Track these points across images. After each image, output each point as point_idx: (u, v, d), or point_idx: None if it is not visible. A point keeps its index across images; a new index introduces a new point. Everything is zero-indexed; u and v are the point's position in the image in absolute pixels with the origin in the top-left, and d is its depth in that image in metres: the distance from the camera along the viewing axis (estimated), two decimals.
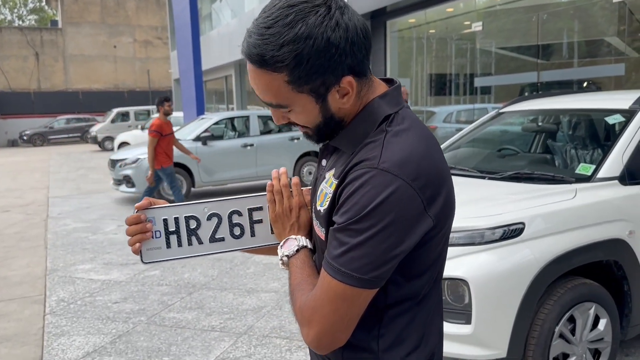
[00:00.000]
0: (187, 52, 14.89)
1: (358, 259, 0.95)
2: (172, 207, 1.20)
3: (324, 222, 1.06)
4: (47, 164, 17.51)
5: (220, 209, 1.22)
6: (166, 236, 1.19)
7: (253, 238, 1.25)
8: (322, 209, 1.06)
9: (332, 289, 0.97)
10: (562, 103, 3.96)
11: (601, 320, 2.80)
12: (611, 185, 2.89)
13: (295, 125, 1.08)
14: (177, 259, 1.21)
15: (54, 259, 6.03)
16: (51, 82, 32.88)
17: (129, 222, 1.17)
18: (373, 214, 0.93)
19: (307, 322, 1.01)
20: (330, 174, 1.08)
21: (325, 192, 1.07)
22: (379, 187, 0.93)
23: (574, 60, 8.86)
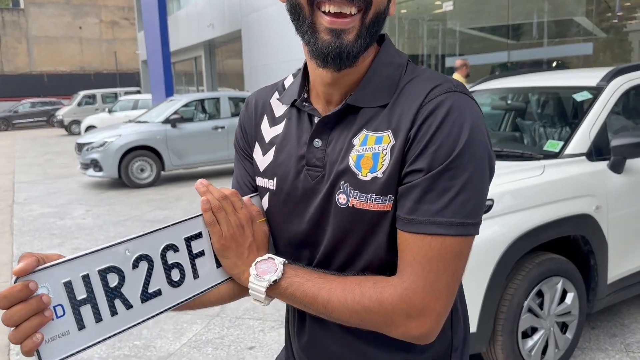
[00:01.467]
0: (154, 33, 14.57)
1: (468, 200, 0.80)
2: (74, 260, 0.78)
3: (388, 189, 0.84)
4: (12, 149, 17.04)
5: (148, 246, 0.85)
6: (74, 310, 0.77)
7: (197, 280, 0.90)
8: (379, 174, 0.84)
9: (446, 250, 0.80)
10: (531, 81, 3.98)
11: (568, 294, 2.85)
12: (578, 162, 2.92)
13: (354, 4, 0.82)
14: (98, 344, 0.80)
15: (21, 245, 5.88)
16: (14, 64, 31.90)
17: (7, 300, 0.71)
18: (470, 143, 0.79)
19: (422, 309, 0.81)
20: (362, 135, 0.87)
21: (372, 153, 0.85)
22: (467, 112, 0.81)
23: (544, 40, 8.95)
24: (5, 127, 26.90)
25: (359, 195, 0.85)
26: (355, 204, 0.86)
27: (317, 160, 0.91)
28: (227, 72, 20.10)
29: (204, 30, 18.21)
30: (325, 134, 0.91)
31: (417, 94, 0.84)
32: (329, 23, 0.81)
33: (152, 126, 9.32)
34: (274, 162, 0.98)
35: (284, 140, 0.97)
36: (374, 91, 0.88)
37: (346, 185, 0.86)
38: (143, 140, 9.05)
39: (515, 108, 4.16)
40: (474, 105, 0.83)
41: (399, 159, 0.83)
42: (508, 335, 2.61)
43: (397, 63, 0.90)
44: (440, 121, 0.80)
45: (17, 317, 0.71)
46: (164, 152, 9.18)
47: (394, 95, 0.87)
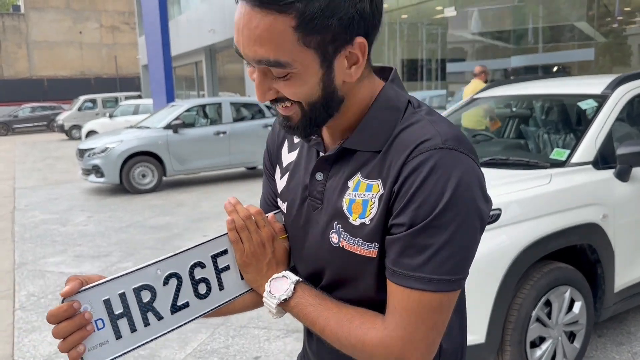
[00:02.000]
0: (155, 38, 14.59)
1: (449, 258, 0.80)
2: (112, 281, 0.90)
3: (374, 236, 0.87)
4: (12, 154, 17.03)
5: (177, 265, 0.95)
6: (112, 323, 0.89)
7: (222, 292, 1.00)
8: (366, 221, 0.87)
9: (424, 305, 0.82)
10: (535, 88, 3.98)
11: (576, 303, 2.84)
12: (585, 170, 2.92)
13: (282, 102, 0.86)
14: (133, 350, 0.92)
15: (23, 252, 5.87)
16: (15, 69, 31.92)
17: (56, 317, 0.83)
18: (454, 202, 0.79)
19: (400, 356, 0.84)
20: (355, 179, 0.90)
21: (363, 200, 0.87)
22: (452, 169, 0.80)
23: (544, 46, 8.96)
24: (5, 132, 26.89)
25: (348, 237, 0.89)
26: (345, 246, 0.90)
27: (318, 193, 0.95)
28: (228, 77, 20.13)
29: (204, 35, 18.23)
30: (326, 169, 0.94)
31: (405, 146, 0.84)
32: (280, 110, 0.88)
33: (154, 132, 9.32)
34: (286, 187, 1.03)
35: (295, 167, 1.02)
36: (369, 136, 0.89)
37: (339, 226, 0.90)
38: (145, 145, 9.05)
39: (520, 115, 4.16)
40: (464, 160, 0.82)
41: (385, 209, 0.85)
42: (516, 345, 2.61)
43: (395, 107, 0.90)
44: (423, 178, 0.80)
45: (63, 332, 0.84)
46: (166, 158, 9.17)
47: (387, 141, 0.87)
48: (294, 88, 0.83)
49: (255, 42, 0.78)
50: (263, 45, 0.78)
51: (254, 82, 0.85)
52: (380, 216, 0.85)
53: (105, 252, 5.70)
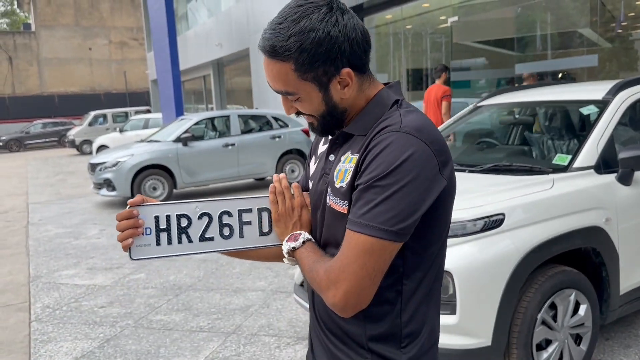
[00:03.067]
0: (164, 53, 14.79)
1: (384, 212, 1.03)
2: (164, 205, 1.22)
3: (345, 196, 1.13)
4: (24, 170, 17.25)
5: (211, 208, 1.25)
6: (157, 233, 1.21)
7: (242, 239, 1.27)
8: (343, 184, 1.13)
9: (359, 245, 1.05)
10: (538, 95, 4.04)
11: (581, 306, 2.88)
12: (587, 175, 2.97)
13: (302, 115, 1.20)
14: (166, 257, 1.23)
15: (37, 265, 5.98)
16: (26, 86, 32.37)
17: (120, 217, 1.19)
18: (398, 171, 1.03)
19: (334, 282, 1.07)
20: (346, 155, 1.16)
21: (345, 169, 1.14)
22: (403, 147, 1.04)
23: (548, 52, 9.01)
24: (17, 148, 27.24)
25: (332, 197, 1.16)
26: (331, 204, 1.17)
27: (328, 170, 1.22)
28: (236, 90, 20.31)
29: (212, 50, 18.44)
30: (336, 151, 1.22)
31: (375, 131, 1.11)
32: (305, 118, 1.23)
33: (164, 145, 9.44)
34: (314, 170, 1.32)
35: (322, 155, 1.31)
36: (361, 124, 1.17)
37: (330, 189, 1.18)
38: (155, 159, 9.17)
39: (524, 122, 4.21)
40: (416, 143, 1.05)
41: (353, 176, 1.11)
42: (522, 348, 2.65)
43: (383, 104, 1.17)
44: (380, 151, 1.06)
45: (122, 227, 1.19)
46: (176, 171, 9.29)
47: (370, 127, 1.14)
48: (305, 106, 1.17)
49: (272, 80, 1.14)
50: (277, 82, 1.14)
51: None
52: (350, 181, 1.12)
53: (117, 264, 5.79)
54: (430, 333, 1.20)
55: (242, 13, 15.73)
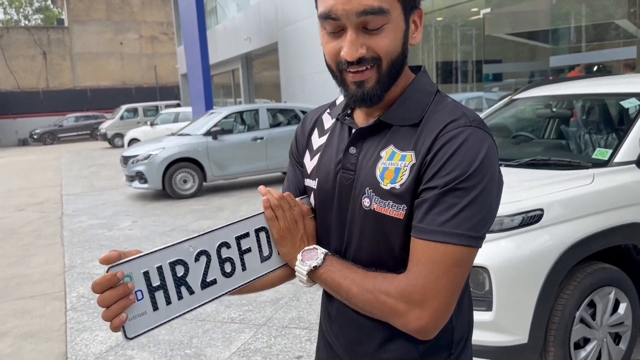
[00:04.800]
0: (194, 47, 14.93)
1: (471, 217, 0.92)
2: (151, 254, 0.96)
3: (402, 199, 0.98)
4: (58, 162, 17.65)
5: (207, 244, 1.04)
6: (150, 295, 0.94)
7: (245, 272, 1.08)
8: (397, 185, 0.99)
9: (447, 256, 0.92)
10: (576, 88, 3.94)
11: (621, 304, 2.81)
12: (628, 170, 2.89)
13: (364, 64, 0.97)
14: (167, 322, 0.98)
15: (72, 255, 6.11)
16: (59, 80, 33.06)
17: (100, 287, 0.89)
18: (479, 170, 0.93)
19: (419, 302, 0.93)
20: (389, 150, 1.02)
21: (395, 167, 1.00)
22: (479, 144, 0.94)
23: (584, 45, 8.79)
24: (51, 141, 27.89)
25: (379, 200, 1.00)
26: (376, 208, 1.01)
27: (351, 165, 1.06)
28: (264, 84, 20.38)
29: (241, 44, 18.53)
30: (360, 143, 1.07)
31: (437, 124, 0.98)
32: (352, 78, 0.99)
33: (194, 138, 9.54)
34: (317, 166, 1.15)
35: (326, 148, 1.14)
36: (404, 112, 1.03)
37: (370, 191, 1.02)
38: (186, 152, 9.27)
39: (561, 115, 4.11)
40: (487, 137, 0.96)
41: (415, 177, 0.97)
42: (560, 346, 2.59)
43: (427, 91, 1.05)
44: (455, 149, 0.93)
45: (107, 300, 0.89)
46: (206, 164, 9.38)
47: (420, 118, 1.01)
48: (386, 40, 0.96)
49: None
50: None
51: (346, 42, 0.96)
52: (410, 183, 0.97)
53: None
54: (469, 332, 1.14)
55: (270, 7, 15.74)
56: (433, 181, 0.94)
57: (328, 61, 1.02)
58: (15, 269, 5.75)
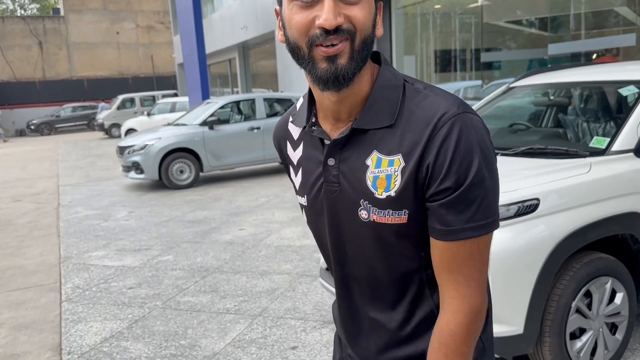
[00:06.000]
0: (190, 36, 14.81)
1: (491, 202, 0.95)
2: None
3: (401, 204, 0.97)
4: (55, 153, 17.59)
5: None
6: None
7: None
8: (392, 192, 0.97)
9: (482, 247, 0.96)
10: (574, 76, 3.89)
11: (617, 294, 2.78)
12: (626, 158, 2.85)
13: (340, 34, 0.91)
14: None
15: (67, 246, 6.08)
16: (56, 70, 32.86)
17: None
18: (482, 156, 0.93)
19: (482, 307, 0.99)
20: (374, 157, 0.99)
21: (386, 174, 0.97)
22: (475, 130, 0.94)
23: (583, 32, 8.72)
24: (48, 132, 27.78)
25: (377, 211, 0.99)
26: (376, 219, 1.00)
27: (333, 177, 1.04)
28: (261, 73, 20.27)
29: (237, 33, 18.39)
30: (337, 153, 1.03)
31: (425, 122, 0.94)
32: (324, 53, 0.92)
33: (190, 129, 9.49)
34: (302, 181, 1.12)
35: (305, 162, 1.11)
36: (377, 114, 0.99)
37: (366, 202, 1.00)
38: (182, 142, 9.23)
39: (559, 104, 4.07)
40: (477, 120, 0.95)
41: (412, 179, 0.95)
42: (556, 336, 2.57)
43: (394, 85, 1.00)
44: (455, 145, 0.91)
45: None
46: (202, 154, 9.33)
47: (395, 116, 0.97)
48: (363, 12, 0.92)
49: None
50: None
51: (325, 9, 0.90)
52: (405, 186, 0.96)
53: (146, 246, 5.85)
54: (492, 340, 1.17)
55: None
56: (444, 183, 0.93)
57: (295, 37, 0.94)
58: (10, 260, 5.72)
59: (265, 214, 6.96)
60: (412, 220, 0.98)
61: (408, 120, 0.96)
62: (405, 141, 0.96)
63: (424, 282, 1.07)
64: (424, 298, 1.07)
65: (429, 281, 1.06)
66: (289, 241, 5.65)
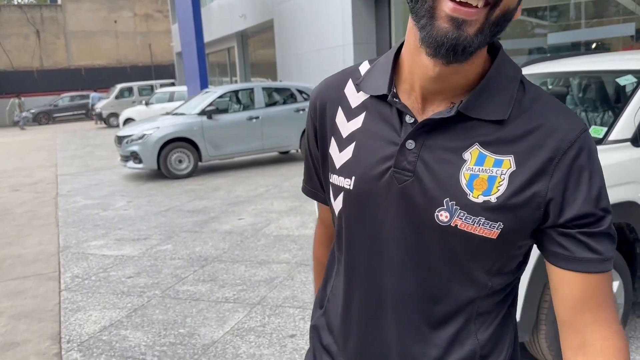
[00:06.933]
0: (188, 25, 14.73)
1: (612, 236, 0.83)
2: None
3: (498, 213, 0.81)
4: (53, 142, 17.56)
5: None
6: None
7: None
8: (492, 198, 0.80)
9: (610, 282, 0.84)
10: (572, 65, 3.89)
11: (613, 283, 2.80)
12: (623, 148, 2.86)
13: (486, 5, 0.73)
14: None
15: (66, 236, 6.10)
16: (53, 59, 32.73)
17: None
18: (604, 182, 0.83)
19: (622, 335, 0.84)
20: (475, 151, 0.82)
21: (489, 175, 0.81)
22: (596, 152, 0.83)
23: (582, 22, 8.69)
24: (46, 121, 27.71)
25: (465, 216, 0.81)
26: (460, 225, 0.82)
27: (408, 163, 0.84)
28: (260, 62, 20.20)
29: (236, 21, 18.31)
30: (422, 136, 0.84)
31: (552, 128, 0.81)
32: (452, 10, 0.73)
33: (189, 118, 9.47)
34: (353, 159, 0.91)
35: (365, 137, 0.90)
36: (488, 103, 0.82)
37: (452, 203, 0.82)
38: (180, 132, 9.21)
39: (557, 93, 4.07)
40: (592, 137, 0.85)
41: (520, 189, 0.80)
42: (552, 324, 2.59)
43: (511, 76, 0.85)
44: (590, 166, 0.80)
45: None
46: (201, 144, 9.33)
47: (510, 110, 0.82)
48: None
49: None
50: None
51: None
52: (510, 194, 0.80)
53: (145, 236, 5.87)
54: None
55: None
56: (584, 207, 0.79)
57: None
58: (9, 249, 5.74)
59: (264, 204, 6.98)
60: (502, 238, 0.82)
61: (527, 120, 0.82)
62: (521, 143, 0.81)
63: (473, 316, 0.90)
64: (469, 334, 0.90)
65: (479, 315, 0.90)
66: (288, 231, 5.67)
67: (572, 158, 0.79)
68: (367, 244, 0.91)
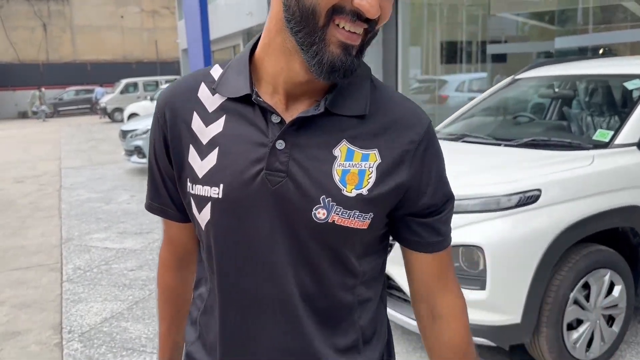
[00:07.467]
0: (194, 22, 14.73)
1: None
2: None
3: (369, 205, 0.85)
4: (58, 136, 17.59)
5: None
6: None
7: None
8: (364, 191, 0.84)
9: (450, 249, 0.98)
10: (579, 69, 3.88)
11: (616, 287, 2.79)
12: (629, 152, 2.85)
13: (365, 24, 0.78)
14: None
15: (69, 228, 6.11)
16: (59, 53, 32.79)
17: None
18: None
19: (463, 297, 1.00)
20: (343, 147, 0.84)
21: (357, 169, 0.84)
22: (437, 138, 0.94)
23: (590, 27, 8.68)
24: (51, 115, 27.76)
25: (342, 211, 0.83)
26: (337, 220, 0.83)
27: (281, 164, 0.83)
28: None
29: (242, 19, 18.31)
30: (291, 136, 0.83)
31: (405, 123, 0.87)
32: (345, 38, 0.78)
33: None
34: (218, 166, 0.86)
35: (229, 141, 0.86)
36: (349, 100, 0.85)
37: (328, 200, 0.82)
38: None
39: (563, 96, 4.06)
40: None
41: (386, 179, 0.85)
42: (553, 327, 2.59)
43: (363, 74, 0.88)
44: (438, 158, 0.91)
45: None
46: None
47: (367, 107, 0.86)
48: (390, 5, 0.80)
49: None
50: None
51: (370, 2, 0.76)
52: (378, 186, 0.85)
53: (147, 229, 5.87)
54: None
55: None
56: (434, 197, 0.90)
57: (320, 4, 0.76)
58: (12, 240, 5.75)
59: None
60: (371, 226, 0.86)
61: (383, 116, 0.87)
62: (383, 136, 0.85)
63: (355, 305, 0.93)
64: (352, 323, 0.93)
65: (359, 304, 0.93)
66: None
67: (423, 150, 0.87)
68: (241, 253, 0.88)
